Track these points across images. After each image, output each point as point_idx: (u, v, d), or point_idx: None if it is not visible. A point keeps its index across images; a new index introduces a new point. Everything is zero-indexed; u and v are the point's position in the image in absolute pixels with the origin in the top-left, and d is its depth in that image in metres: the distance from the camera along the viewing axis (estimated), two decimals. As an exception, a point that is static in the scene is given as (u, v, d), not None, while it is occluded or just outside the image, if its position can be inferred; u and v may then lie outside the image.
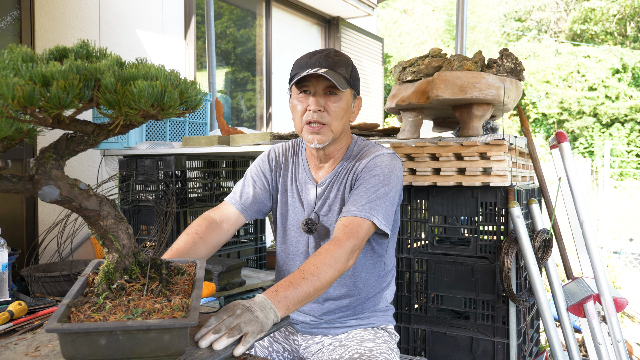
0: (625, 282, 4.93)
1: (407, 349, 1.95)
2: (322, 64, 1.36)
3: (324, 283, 1.19)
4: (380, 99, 7.17)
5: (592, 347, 1.82)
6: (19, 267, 2.65)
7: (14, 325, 1.56)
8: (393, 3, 18.21)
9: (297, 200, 1.52)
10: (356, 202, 1.33)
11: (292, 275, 1.17)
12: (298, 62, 1.41)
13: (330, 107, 1.38)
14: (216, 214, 1.51)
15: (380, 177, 1.37)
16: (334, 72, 1.35)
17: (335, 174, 1.47)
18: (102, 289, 0.93)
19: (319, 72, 1.32)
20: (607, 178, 6.96)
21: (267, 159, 1.58)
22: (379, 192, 1.35)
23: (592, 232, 1.81)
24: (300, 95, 1.40)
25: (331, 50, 1.41)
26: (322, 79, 1.36)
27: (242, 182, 1.57)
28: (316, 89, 1.37)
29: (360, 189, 1.36)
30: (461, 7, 3.61)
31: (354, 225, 1.29)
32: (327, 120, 1.38)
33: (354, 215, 1.31)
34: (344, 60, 1.40)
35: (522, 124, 1.99)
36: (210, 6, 4.03)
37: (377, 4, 6.40)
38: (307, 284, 1.15)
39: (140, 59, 0.88)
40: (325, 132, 1.38)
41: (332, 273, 1.20)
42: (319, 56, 1.38)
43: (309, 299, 1.16)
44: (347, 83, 1.39)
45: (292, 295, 1.12)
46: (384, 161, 1.40)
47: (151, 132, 2.84)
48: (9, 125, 0.74)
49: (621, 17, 16.45)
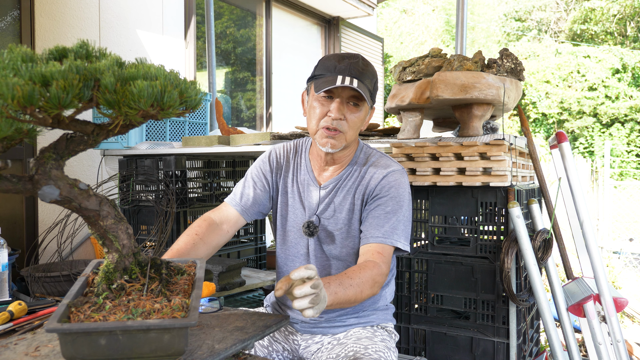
0: (625, 282, 4.93)
1: (407, 349, 1.95)
2: (352, 73, 1.35)
3: (358, 300, 1.22)
4: (380, 99, 7.17)
5: (592, 347, 1.82)
6: (19, 267, 2.65)
7: (14, 325, 1.56)
8: (393, 3, 18.21)
9: (298, 202, 1.51)
10: (379, 226, 1.38)
11: (342, 276, 1.20)
12: (326, 64, 1.39)
13: (350, 117, 1.39)
14: (216, 215, 1.51)
15: (396, 199, 1.41)
16: (362, 84, 1.35)
17: (340, 178, 1.47)
18: (102, 289, 0.93)
19: (352, 85, 1.32)
20: (607, 178, 6.97)
21: (267, 160, 1.57)
22: (399, 215, 1.40)
23: (592, 232, 1.81)
24: (322, 98, 1.39)
25: (360, 58, 1.40)
26: (348, 88, 1.36)
27: (243, 183, 1.57)
28: (341, 96, 1.37)
29: (379, 212, 1.40)
30: (461, 7, 3.61)
31: (386, 254, 1.35)
32: (344, 128, 1.39)
33: (383, 242, 1.36)
34: (370, 71, 1.40)
35: (522, 124, 1.99)
36: (210, 6, 4.03)
37: (377, 4, 6.40)
38: (351, 293, 1.19)
39: (140, 59, 0.88)
40: (340, 139, 1.40)
41: (368, 294, 1.25)
42: (348, 62, 1.36)
43: (343, 305, 1.19)
44: (371, 96, 1.40)
45: (340, 294, 1.15)
46: (397, 180, 1.43)
47: (151, 132, 2.84)
48: (9, 125, 0.74)
49: (621, 17, 16.45)
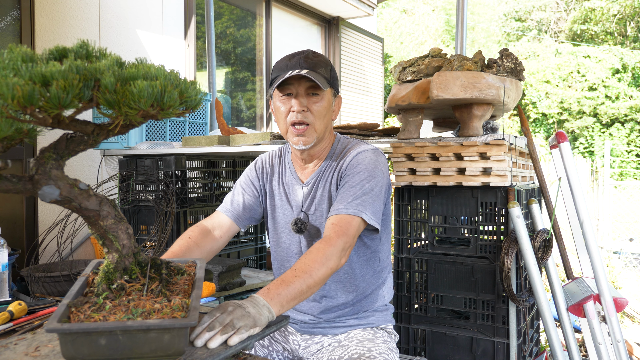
0: (625, 282, 4.93)
1: (407, 349, 1.95)
2: (302, 65, 1.38)
3: (316, 280, 1.19)
4: (380, 99, 7.17)
5: (592, 347, 1.82)
6: (19, 267, 2.65)
7: (14, 325, 1.56)
8: (393, 3, 18.21)
9: (286, 202, 1.54)
10: (343, 199, 1.35)
11: (284, 274, 1.18)
12: (278, 65, 1.43)
13: (313, 107, 1.41)
14: (208, 222, 1.53)
15: (364, 173, 1.38)
16: (315, 73, 1.38)
17: (319, 173, 1.49)
18: (102, 289, 0.93)
19: (301, 73, 1.35)
20: (607, 178, 6.97)
21: (254, 167, 1.61)
22: (365, 187, 1.36)
23: (592, 232, 1.81)
24: (283, 98, 1.42)
25: (309, 52, 1.43)
26: (303, 81, 1.39)
27: (232, 192, 1.60)
28: (298, 90, 1.40)
29: (346, 187, 1.37)
30: (461, 7, 3.61)
31: (343, 223, 1.30)
32: (310, 120, 1.40)
33: (342, 213, 1.32)
34: (322, 60, 1.43)
35: (522, 124, 1.99)
36: (210, 6, 4.03)
37: (377, 4, 6.40)
38: (300, 282, 1.16)
39: (140, 59, 0.88)
40: (310, 133, 1.41)
41: (324, 271, 1.21)
42: (298, 58, 1.40)
43: (302, 296, 1.17)
44: (328, 82, 1.42)
45: (285, 293, 1.13)
46: (367, 157, 1.42)
47: (151, 132, 2.83)
48: (9, 125, 0.74)
49: (621, 17, 16.45)
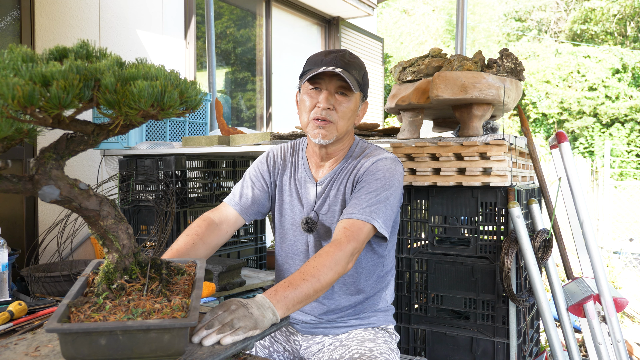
0: (625, 282, 4.93)
1: (407, 349, 1.95)
2: (338, 64, 1.37)
3: (323, 285, 1.19)
4: (380, 99, 7.17)
5: (592, 347, 1.82)
6: (19, 267, 2.65)
7: (14, 325, 1.56)
8: (393, 3, 18.20)
9: (296, 199, 1.52)
10: (357, 204, 1.34)
11: (292, 276, 1.18)
12: (313, 59, 1.42)
13: (339, 106, 1.39)
14: (215, 215, 1.51)
15: (382, 181, 1.37)
16: (348, 73, 1.37)
17: (335, 173, 1.48)
18: (102, 289, 0.93)
19: (335, 70, 1.34)
20: (607, 178, 6.97)
21: (265, 160, 1.59)
22: (380, 196, 1.35)
23: (592, 232, 1.81)
24: (311, 91, 1.41)
25: (346, 52, 1.42)
26: (335, 78, 1.38)
27: (241, 183, 1.58)
28: (328, 87, 1.39)
29: (362, 192, 1.37)
30: (461, 7, 3.61)
31: (354, 229, 1.30)
32: (334, 118, 1.39)
33: (354, 217, 1.31)
34: (357, 63, 1.42)
35: (522, 124, 1.99)
36: (210, 6, 4.03)
37: (377, 4, 6.40)
38: (307, 285, 1.16)
39: (140, 59, 0.88)
40: (331, 130, 1.39)
41: (331, 275, 1.21)
42: (335, 55, 1.39)
43: (308, 300, 1.17)
44: (359, 85, 1.41)
45: (292, 296, 1.13)
46: (386, 165, 1.41)
47: (151, 132, 2.83)
48: (9, 125, 0.74)
49: (621, 17, 16.44)
